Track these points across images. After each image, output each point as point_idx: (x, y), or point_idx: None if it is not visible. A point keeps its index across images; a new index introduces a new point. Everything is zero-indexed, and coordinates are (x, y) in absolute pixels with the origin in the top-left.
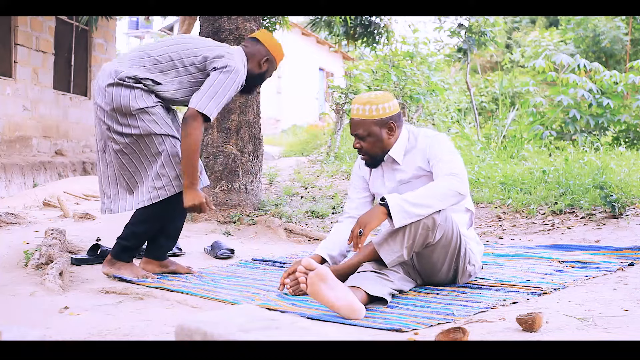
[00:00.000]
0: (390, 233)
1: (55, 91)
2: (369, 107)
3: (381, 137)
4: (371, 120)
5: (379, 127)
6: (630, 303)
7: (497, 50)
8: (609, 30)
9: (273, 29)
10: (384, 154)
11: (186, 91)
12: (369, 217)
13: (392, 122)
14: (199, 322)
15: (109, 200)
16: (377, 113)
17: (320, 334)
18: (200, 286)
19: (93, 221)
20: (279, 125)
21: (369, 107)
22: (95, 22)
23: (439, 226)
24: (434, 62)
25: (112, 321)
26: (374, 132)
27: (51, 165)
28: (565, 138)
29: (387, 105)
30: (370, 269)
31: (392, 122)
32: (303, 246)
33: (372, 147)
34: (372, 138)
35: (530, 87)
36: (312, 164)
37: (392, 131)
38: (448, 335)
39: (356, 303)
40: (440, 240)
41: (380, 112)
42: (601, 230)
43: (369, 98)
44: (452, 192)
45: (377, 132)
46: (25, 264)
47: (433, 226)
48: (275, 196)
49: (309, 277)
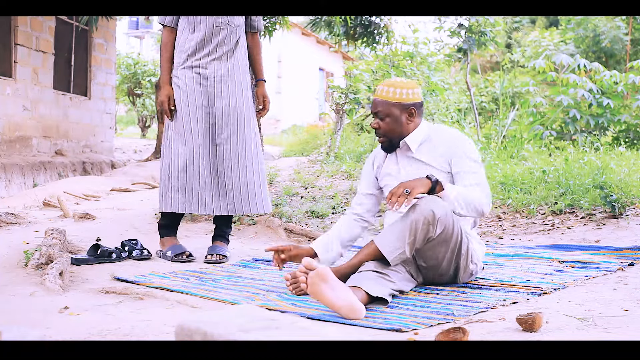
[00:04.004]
0: (391, 230)
1: (55, 91)
2: (392, 89)
3: (400, 121)
4: (392, 102)
5: (399, 110)
6: (630, 303)
7: (497, 50)
8: (609, 30)
9: (273, 29)
10: (400, 138)
11: None
12: (415, 182)
13: (413, 108)
14: (199, 322)
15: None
16: (400, 96)
17: (320, 334)
18: (200, 286)
19: (93, 221)
20: (279, 125)
21: (392, 90)
22: (95, 22)
23: (439, 220)
24: (434, 62)
25: (112, 321)
26: (393, 113)
27: (51, 165)
28: (565, 138)
29: (411, 92)
30: (371, 268)
31: (413, 108)
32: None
33: (390, 128)
34: (390, 119)
35: (530, 87)
36: (312, 164)
37: (412, 117)
38: (448, 335)
39: (356, 303)
40: (441, 235)
41: (402, 96)
42: (601, 230)
43: (395, 81)
44: (479, 209)
45: (397, 114)
46: (25, 264)
47: (433, 220)
48: (275, 196)
49: (309, 276)
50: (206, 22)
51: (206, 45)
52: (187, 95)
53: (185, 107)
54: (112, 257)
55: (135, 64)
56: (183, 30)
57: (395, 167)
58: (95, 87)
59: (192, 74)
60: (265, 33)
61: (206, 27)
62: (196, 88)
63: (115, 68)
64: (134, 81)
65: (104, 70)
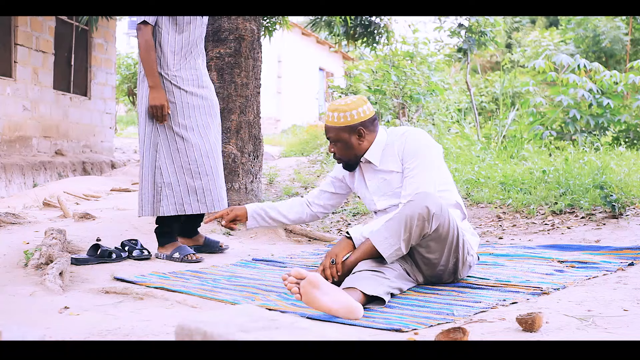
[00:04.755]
0: (386, 227)
1: (55, 91)
2: (337, 114)
3: (350, 143)
4: (339, 127)
5: (348, 134)
6: (630, 303)
7: (497, 50)
8: (609, 30)
9: (273, 29)
10: (357, 157)
11: None
12: (336, 248)
13: (361, 129)
14: (199, 322)
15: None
16: (345, 120)
17: (320, 334)
18: (200, 286)
19: (93, 221)
20: (279, 125)
21: (337, 115)
22: (95, 22)
23: (434, 215)
24: (434, 62)
25: (112, 321)
26: (342, 138)
27: (51, 165)
28: (565, 138)
29: (355, 112)
30: (365, 267)
31: (361, 129)
32: (303, 246)
33: (343, 151)
34: (341, 143)
35: (530, 87)
36: (312, 164)
37: (362, 137)
38: (448, 335)
39: (353, 303)
40: (437, 230)
41: (348, 119)
42: (601, 230)
43: (338, 105)
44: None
45: (346, 138)
46: (25, 264)
47: (428, 216)
48: (275, 196)
49: (301, 286)
50: (195, 22)
51: (198, 45)
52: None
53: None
54: (112, 257)
55: (135, 64)
56: (168, 30)
57: (362, 180)
58: (95, 87)
59: (191, 76)
60: (266, 33)
61: (196, 27)
62: (195, 90)
63: (115, 68)
64: (134, 81)
65: (104, 70)
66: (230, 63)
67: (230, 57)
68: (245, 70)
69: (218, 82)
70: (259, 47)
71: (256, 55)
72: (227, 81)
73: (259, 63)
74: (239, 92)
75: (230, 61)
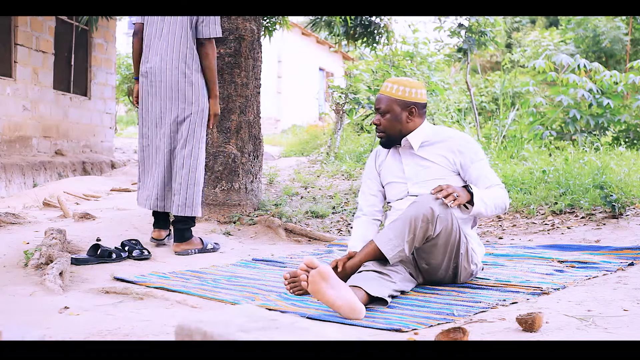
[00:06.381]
0: (391, 228)
1: (55, 91)
2: (396, 86)
3: (400, 118)
4: (394, 99)
5: (400, 108)
6: (630, 303)
7: (497, 50)
8: (609, 30)
9: (273, 29)
10: (400, 136)
11: None
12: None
13: (414, 107)
14: (199, 322)
15: None
16: (402, 94)
17: (320, 334)
18: (200, 286)
19: (93, 221)
20: (279, 125)
21: (396, 87)
22: (95, 22)
23: (438, 218)
24: (434, 62)
25: (112, 321)
26: (393, 110)
27: (51, 165)
28: (565, 138)
29: (414, 91)
30: (372, 268)
31: (414, 107)
32: (303, 246)
33: (389, 124)
34: (390, 116)
35: (530, 87)
36: (312, 164)
37: (412, 116)
38: (448, 335)
39: (357, 303)
40: (441, 234)
41: (405, 94)
42: (601, 230)
43: (400, 79)
44: (503, 206)
45: (397, 111)
46: (25, 264)
47: (432, 218)
48: (275, 196)
49: (310, 275)
50: (176, 23)
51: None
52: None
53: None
54: (112, 257)
55: None
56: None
57: (399, 165)
58: (95, 87)
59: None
60: (266, 33)
61: (176, 27)
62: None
63: (115, 68)
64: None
65: (104, 70)
66: (230, 63)
67: (230, 57)
68: (245, 70)
69: (218, 82)
70: (259, 47)
71: (256, 55)
72: (227, 81)
73: (259, 63)
74: (239, 92)
75: (230, 61)
